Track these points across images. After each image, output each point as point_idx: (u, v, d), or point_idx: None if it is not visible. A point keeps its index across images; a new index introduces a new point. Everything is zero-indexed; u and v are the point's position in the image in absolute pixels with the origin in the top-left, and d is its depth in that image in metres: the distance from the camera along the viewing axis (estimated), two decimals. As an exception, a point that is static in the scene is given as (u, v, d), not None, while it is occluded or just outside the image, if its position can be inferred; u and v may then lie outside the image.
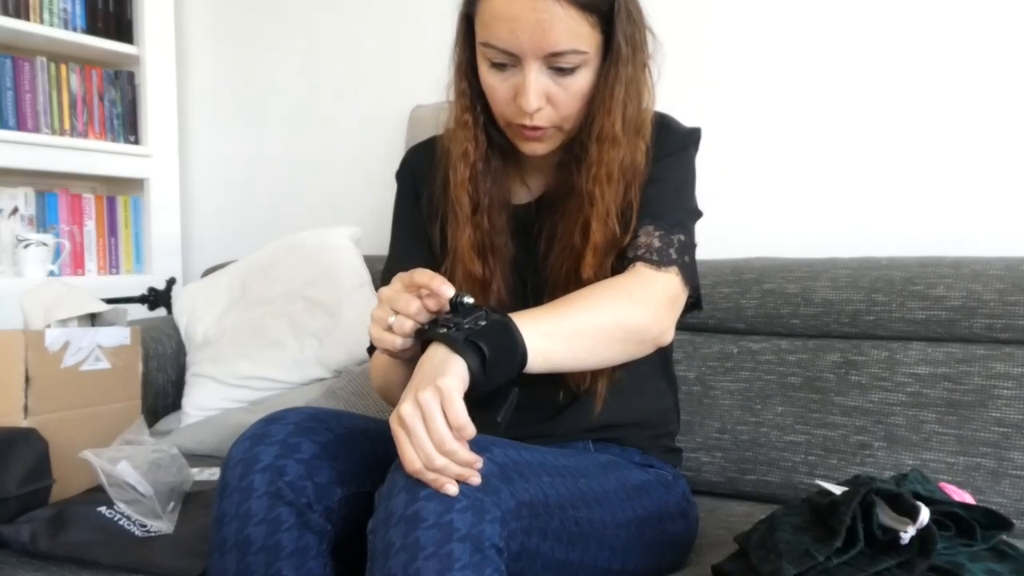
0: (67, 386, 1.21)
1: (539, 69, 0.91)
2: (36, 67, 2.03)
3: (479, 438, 0.80)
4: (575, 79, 0.92)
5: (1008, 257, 1.26)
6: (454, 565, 0.71)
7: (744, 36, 1.60)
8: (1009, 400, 1.18)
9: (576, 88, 0.93)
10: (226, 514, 0.86)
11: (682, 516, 1.04)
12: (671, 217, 0.98)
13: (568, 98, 0.93)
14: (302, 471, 0.86)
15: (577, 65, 0.91)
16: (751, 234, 1.60)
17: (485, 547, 0.73)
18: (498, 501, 0.75)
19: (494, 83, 0.94)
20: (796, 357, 1.34)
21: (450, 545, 0.72)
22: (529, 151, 0.98)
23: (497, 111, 0.97)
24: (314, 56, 2.13)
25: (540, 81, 0.91)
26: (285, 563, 0.84)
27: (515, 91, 0.93)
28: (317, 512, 0.87)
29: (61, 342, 1.19)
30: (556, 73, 0.92)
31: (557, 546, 0.83)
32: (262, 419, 0.91)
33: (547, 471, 0.85)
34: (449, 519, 0.72)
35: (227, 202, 2.32)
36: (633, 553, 0.94)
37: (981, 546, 0.77)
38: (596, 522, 0.88)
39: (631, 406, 1.03)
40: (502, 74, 0.93)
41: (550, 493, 0.83)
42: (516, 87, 0.92)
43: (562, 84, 0.92)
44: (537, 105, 0.92)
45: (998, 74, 1.41)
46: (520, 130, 0.96)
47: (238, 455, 0.88)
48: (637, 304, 0.91)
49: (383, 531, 0.75)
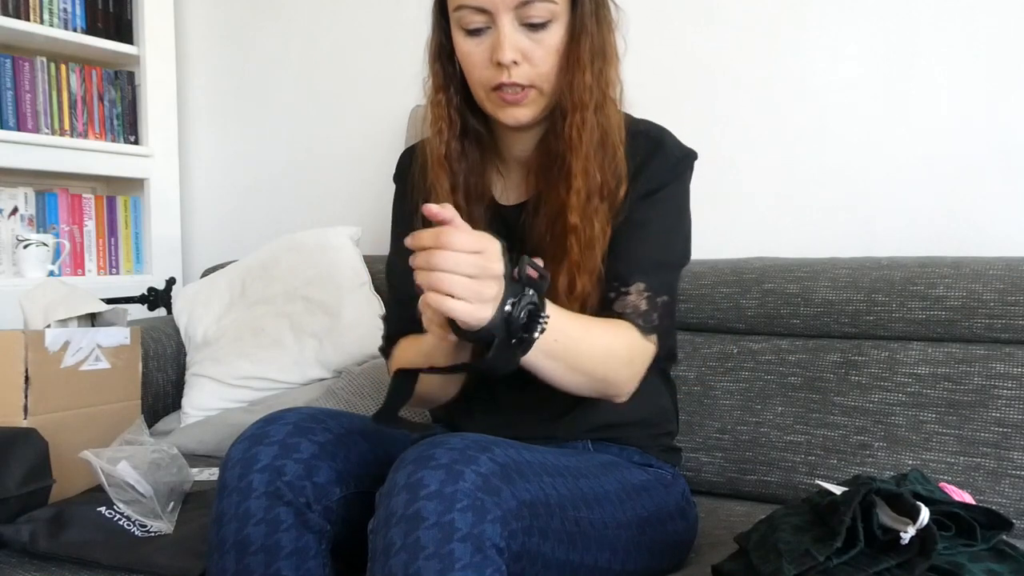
0: (67, 386, 1.20)
1: (512, 23, 0.92)
2: (36, 67, 2.03)
3: (480, 438, 0.81)
4: (548, 34, 0.93)
5: (1008, 257, 1.26)
6: (455, 565, 0.71)
7: (744, 36, 1.60)
8: (1009, 400, 1.18)
9: (550, 42, 0.94)
10: (225, 514, 0.86)
11: (682, 516, 1.04)
12: (660, 276, 0.99)
13: (544, 53, 0.94)
14: (301, 471, 0.86)
15: (548, 19, 0.93)
16: (751, 234, 1.60)
17: (486, 547, 0.73)
18: (499, 501, 0.75)
19: (470, 49, 0.95)
20: (796, 357, 1.34)
21: (451, 545, 0.72)
22: (511, 118, 0.97)
23: (475, 80, 0.97)
24: (314, 56, 2.13)
25: (514, 36, 0.92)
26: (284, 563, 0.84)
27: (491, 52, 0.93)
28: (316, 512, 0.87)
29: (61, 342, 1.19)
30: (529, 29, 0.93)
31: (558, 546, 0.83)
32: (261, 420, 0.92)
33: (548, 471, 0.85)
34: (450, 519, 0.72)
35: (227, 202, 2.32)
36: (633, 553, 0.93)
37: (981, 546, 0.77)
38: (596, 522, 0.88)
39: (629, 406, 1.03)
40: (477, 38, 0.94)
41: (551, 493, 0.83)
42: (492, 47, 0.93)
43: (536, 39, 0.93)
44: (512, 56, 0.92)
45: (997, 74, 1.41)
46: (500, 96, 0.95)
47: (237, 455, 0.88)
48: (631, 368, 0.97)
49: (384, 531, 0.75)
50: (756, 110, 1.60)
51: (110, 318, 1.35)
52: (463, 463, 0.76)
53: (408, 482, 0.75)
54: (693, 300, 1.42)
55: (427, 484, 0.74)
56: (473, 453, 0.77)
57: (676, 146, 1.03)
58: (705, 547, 1.09)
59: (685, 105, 1.64)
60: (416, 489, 0.74)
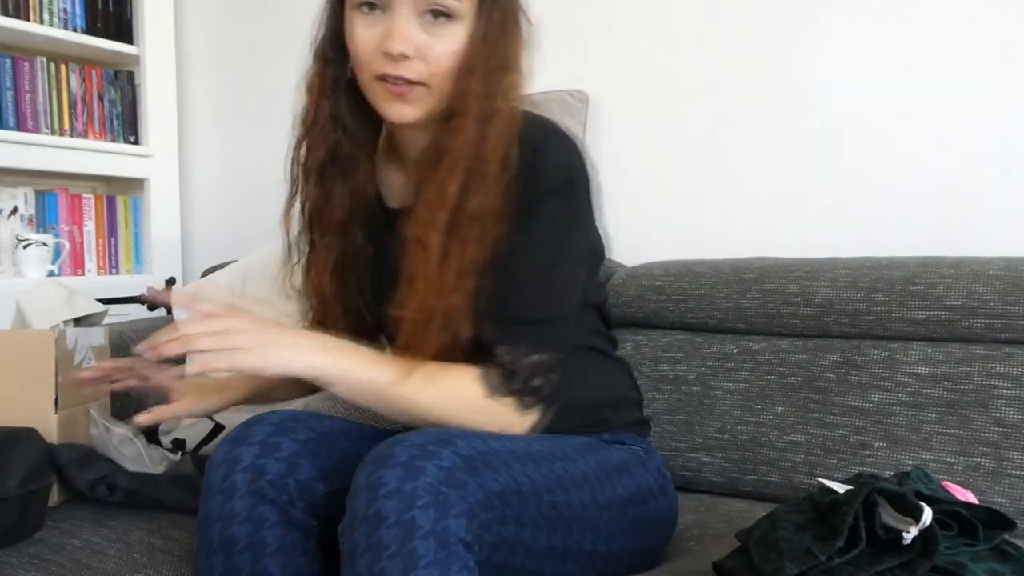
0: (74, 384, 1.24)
1: (409, 14, 0.86)
2: (36, 67, 2.03)
3: (442, 432, 0.80)
4: (449, 30, 0.87)
5: (1008, 257, 1.26)
6: (418, 563, 0.71)
7: (744, 36, 1.61)
8: (1009, 400, 1.18)
9: (450, 41, 0.88)
10: (210, 515, 0.88)
11: (662, 492, 1.03)
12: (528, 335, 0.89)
13: (441, 50, 0.87)
14: (282, 469, 0.88)
15: (451, 14, 0.87)
16: (751, 234, 1.60)
17: (451, 543, 0.72)
18: (464, 494, 0.75)
19: (360, 30, 0.89)
20: (796, 357, 1.34)
21: (413, 543, 0.71)
22: (396, 115, 0.90)
23: (361, 63, 0.90)
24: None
25: (410, 27, 0.86)
26: (270, 560, 0.85)
27: (382, 37, 0.87)
28: (300, 508, 0.88)
29: (73, 341, 1.23)
30: (430, 23, 0.87)
31: (537, 532, 0.82)
32: (243, 422, 0.93)
33: (518, 459, 0.84)
34: (411, 516, 0.72)
35: (227, 202, 2.32)
36: (617, 534, 0.93)
37: (984, 546, 0.77)
38: (576, 505, 0.87)
39: (577, 393, 0.99)
40: (370, 17, 0.88)
41: (522, 480, 0.82)
42: (384, 33, 0.87)
43: (435, 35, 0.87)
44: (401, 48, 0.86)
45: (998, 74, 1.41)
46: (385, 87, 0.89)
47: (220, 457, 0.90)
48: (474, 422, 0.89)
49: (349, 532, 0.75)
50: (756, 110, 1.60)
51: (93, 319, 1.39)
52: (423, 459, 0.75)
53: (367, 482, 0.75)
54: (693, 300, 1.42)
55: (386, 483, 0.74)
56: (434, 448, 0.76)
57: (557, 155, 0.91)
58: (707, 538, 1.09)
59: (685, 105, 1.64)
60: (375, 488, 0.74)
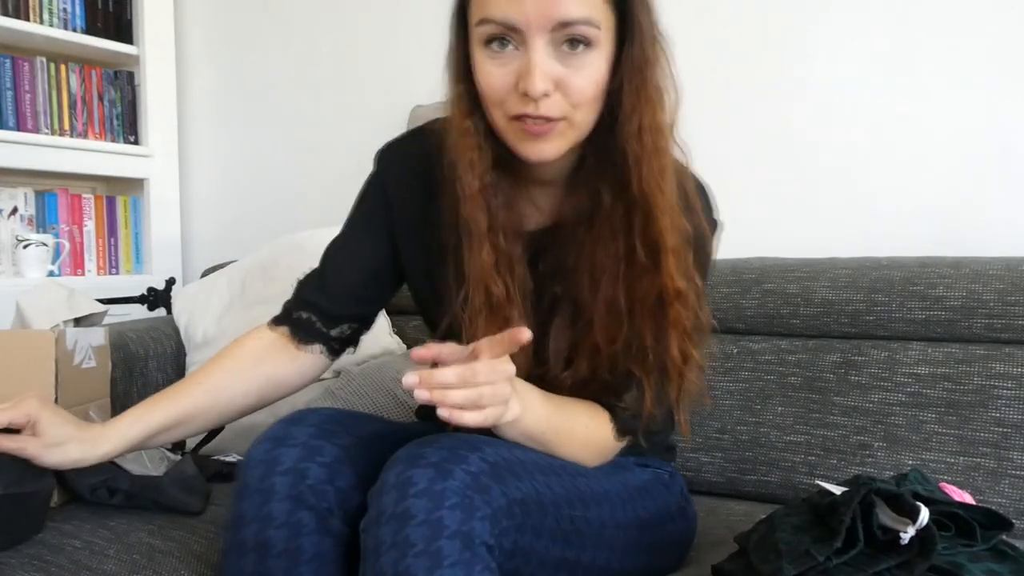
0: (75, 384, 1.24)
1: (545, 47, 0.79)
2: (36, 67, 2.03)
3: (471, 437, 0.81)
4: (589, 59, 0.80)
5: (1008, 257, 1.26)
6: (443, 562, 0.71)
7: (743, 36, 1.60)
8: (1009, 400, 1.18)
9: (591, 71, 0.81)
10: (245, 516, 0.84)
11: (681, 515, 1.03)
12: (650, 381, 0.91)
13: (582, 82, 0.80)
14: (324, 475, 0.84)
15: (590, 42, 0.80)
16: (751, 234, 1.60)
17: (475, 544, 0.73)
18: (488, 499, 0.75)
19: (490, 69, 0.82)
20: (796, 357, 1.34)
21: (439, 542, 0.72)
22: (535, 154, 0.84)
23: (494, 104, 0.84)
24: (314, 56, 2.13)
25: (547, 61, 0.79)
26: (305, 568, 0.82)
27: (517, 77, 0.80)
28: (337, 517, 0.84)
29: (73, 341, 1.23)
30: (566, 54, 0.80)
31: (552, 544, 0.83)
32: (282, 420, 0.90)
33: (542, 470, 0.84)
34: (439, 516, 0.72)
35: (227, 202, 2.32)
36: (632, 554, 0.93)
37: (981, 546, 0.77)
38: (594, 521, 0.88)
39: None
40: (501, 58, 0.81)
41: (544, 492, 0.82)
42: (518, 72, 0.80)
43: (573, 66, 0.80)
44: (543, 88, 0.79)
45: (998, 74, 1.41)
46: (523, 127, 0.82)
47: (259, 456, 0.85)
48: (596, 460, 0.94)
49: (374, 529, 0.75)
50: (756, 110, 1.59)
51: (94, 318, 1.38)
52: (453, 462, 0.76)
53: (397, 480, 0.75)
54: (693, 300, 1.42)
55: (416, 482, 0.74)
56: (463, 452, 0.77)
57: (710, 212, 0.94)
58: (705, 545, 1.09)
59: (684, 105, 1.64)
60: (405, 487, 0.74)
